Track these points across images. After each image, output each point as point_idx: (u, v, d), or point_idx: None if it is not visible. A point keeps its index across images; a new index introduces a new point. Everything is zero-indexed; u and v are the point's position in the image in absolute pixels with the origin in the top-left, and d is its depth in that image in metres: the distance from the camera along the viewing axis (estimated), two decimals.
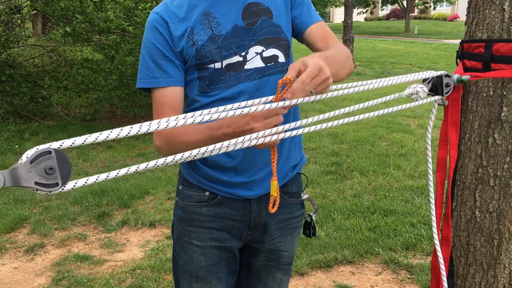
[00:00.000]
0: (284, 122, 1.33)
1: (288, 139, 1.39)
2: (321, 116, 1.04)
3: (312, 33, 1.33)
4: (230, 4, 1.29)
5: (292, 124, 1.04)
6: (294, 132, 1.05)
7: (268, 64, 1.30)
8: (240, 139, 0.95)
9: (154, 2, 6.12)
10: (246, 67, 1.28)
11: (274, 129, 1.01)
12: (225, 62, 1.27)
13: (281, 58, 1.32)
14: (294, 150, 1.43)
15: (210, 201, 1.36)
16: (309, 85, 0.99)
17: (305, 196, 1.50)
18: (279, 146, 1.36)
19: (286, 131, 1.03)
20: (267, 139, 0.99)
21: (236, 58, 1.27)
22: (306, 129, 1.05)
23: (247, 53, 1.28)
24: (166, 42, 1.26)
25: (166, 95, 1.27)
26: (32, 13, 10.97)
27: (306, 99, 1.00)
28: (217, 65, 1.27)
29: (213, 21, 1.28)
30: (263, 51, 1.29)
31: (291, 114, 1.39)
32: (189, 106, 1.35)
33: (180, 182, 1.42)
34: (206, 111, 0.85)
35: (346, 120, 1.10)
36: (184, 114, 0.82)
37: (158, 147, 1.30)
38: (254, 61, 1.28)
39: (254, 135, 0.96)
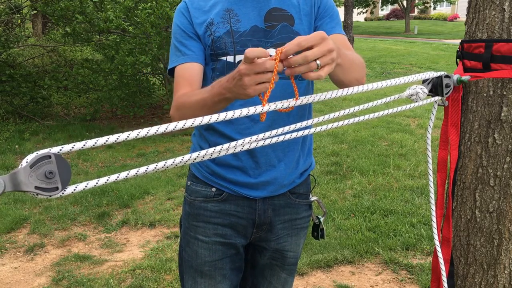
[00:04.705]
0: (299, 120, 1.33)
1: (298, 148, 1.40)
2: (322, 118, 1.04)
3: None
4: (253, 5, 1.32)
5: (298, 125, 1.02)
6: (294, 134, 1.04)
7: None
8: (240, 141, 0.94)
9: (154, 2, 6.11)
10: None
11: (268, 133, 0.97)
12: (238, 58, 1.30)
13: None
14: (303, 158, 1.44)
15: (216, 197, 1.39)
16: (311, 54, 0.88)
17: (313, 198, 1.50)
18: (286, 154, 1.37)
19: (293, 131, 1.02)
20: (273, 139, 0.97)
21: None
22: (306, 131, 1.04)
23: None
24: (188, 22, 1.33)
25: (184, 68, 1.32)
26: (32, 13, 10.98)
27: (311, 98, 0.97)
28: (230, 58, 1.30)
29: (234, 17, 1.31)
30: None
31: (306, 112, 1.40)
32: None
33: (189, 178, 1.46)
34: (214, 116, 0.86)
35: (346, 121, 1.10)
36: (193, 119, 0.84)
37: (172, 116, 1.32)
38: None
39: (254, 137, 0.95)
